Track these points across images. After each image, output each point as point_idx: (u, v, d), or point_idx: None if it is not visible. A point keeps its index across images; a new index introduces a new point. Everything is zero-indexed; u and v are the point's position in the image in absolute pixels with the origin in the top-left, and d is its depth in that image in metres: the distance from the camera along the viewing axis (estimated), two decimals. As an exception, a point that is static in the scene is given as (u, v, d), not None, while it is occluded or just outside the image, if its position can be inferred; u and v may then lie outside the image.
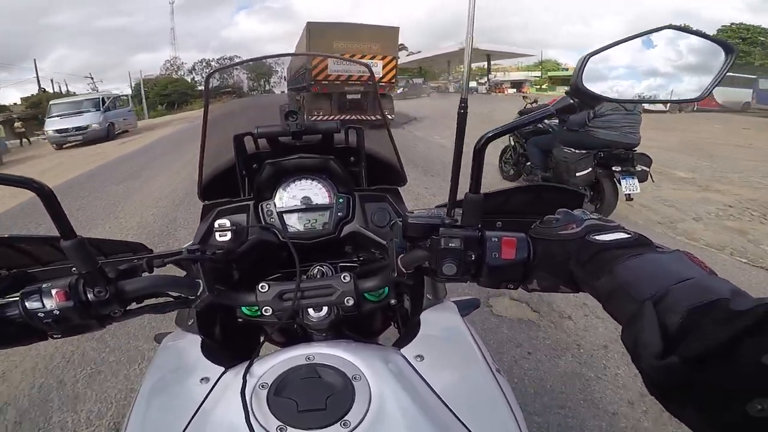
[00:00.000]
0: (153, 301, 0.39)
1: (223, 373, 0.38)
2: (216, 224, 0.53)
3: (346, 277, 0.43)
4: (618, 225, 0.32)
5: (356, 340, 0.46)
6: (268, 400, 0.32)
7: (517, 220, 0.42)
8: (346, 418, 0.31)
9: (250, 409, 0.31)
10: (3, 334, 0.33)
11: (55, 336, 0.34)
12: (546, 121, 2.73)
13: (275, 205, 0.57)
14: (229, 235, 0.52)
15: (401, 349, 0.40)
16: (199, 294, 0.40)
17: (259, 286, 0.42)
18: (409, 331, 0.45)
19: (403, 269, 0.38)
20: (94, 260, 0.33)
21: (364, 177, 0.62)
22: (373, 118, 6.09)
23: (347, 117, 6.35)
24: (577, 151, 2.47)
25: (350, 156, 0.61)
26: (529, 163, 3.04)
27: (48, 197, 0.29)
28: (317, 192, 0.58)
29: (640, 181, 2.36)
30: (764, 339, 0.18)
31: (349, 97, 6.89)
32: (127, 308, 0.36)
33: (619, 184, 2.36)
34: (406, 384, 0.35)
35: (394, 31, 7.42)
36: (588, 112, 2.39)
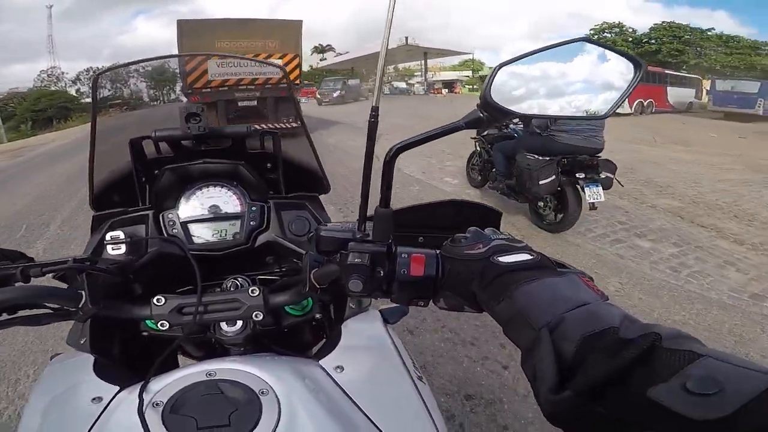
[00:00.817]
0: (27, 312, 0.37)
1: (118, 392, 0.37)
2: (108, 236, 0.50)
3: (255, 291, 0.42)
4: (524, 246, 0.33)
5: (278, 354, 0.45)
6: (164, 418, 0.31)
7: (437, 236, 0.42)
8: None
9: (145, 429, 0.30)
10: None
11: None
12: (512, 126, 2.81)
13: (178, 215, 0.55)
14: (123, 248, 0.50)
15: (320, 360, 0.41)
16: (81, 306, 0.38)
17: (155, 299, 0.41)
18: (329, 342, 0.46)
19: (315, 284, 0.39)
20: None
21: (282, 184, 0.61)
22: (277, 126, 5.33)
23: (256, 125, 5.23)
24: (540, 157, 2.42)
25: (266, 162, 0.59)
26: (494, 170, 2.98)
27: None
28: (227, 200, 0.56)
29: (604, 189, 2.35)
30: (649, 369, 0.19)
31: (241, 104, 6.06)
32: None
33: (583, 192, 2.34)
34: (321, 396, 0.35)
35: (296, 25, 6.68)
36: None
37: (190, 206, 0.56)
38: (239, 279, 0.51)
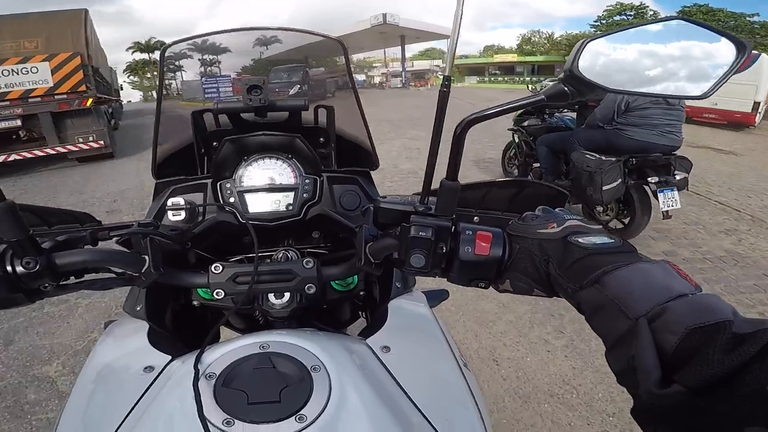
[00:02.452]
0: (93, 276, 0.40)
1: (170, 361, 0.41)
2: (169, 202, 0.55)
3: (309, 263, 0.46)
4: (600, 228, 0.34)
5: (320, 329, 0.48)
6: (215, 391, 0.34)
7: (495, 216, 0.47)
8: (301, 411, 0.32)
9: (197, 400, 0.32)
10: None
11: None
12: (558, 114, 2.77)
13: (235, 185, 0.59)
14: (183, 215, 0.55)
15: (367, 339, 0.43)
16: (143, 271, 0.41)
17: (212, 266, 0.44)
18: (375, 320, 0.49)
19: (371, 258, 0.41)
20: (23, 228, 0.34)
21: (334, 158, 0.66)
22: (68, 148, 5.10)
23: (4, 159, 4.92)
24: (603, 157, 2.17)
25: (319, 136, 0.65)
26: (537, 165, 2.82)
27: None
28: (282, 172, 0.60)
29: (680, 189, 2.14)
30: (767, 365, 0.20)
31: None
32: (62, 282, 0.38)
33: (656, 197, 2.12)
34: (370, 376, 0.37)
35: (75, 15, 5.34)
36: (618, 104, 2.19)
37: (247, 176, 0.60)
38: (291, 251, 0.56)
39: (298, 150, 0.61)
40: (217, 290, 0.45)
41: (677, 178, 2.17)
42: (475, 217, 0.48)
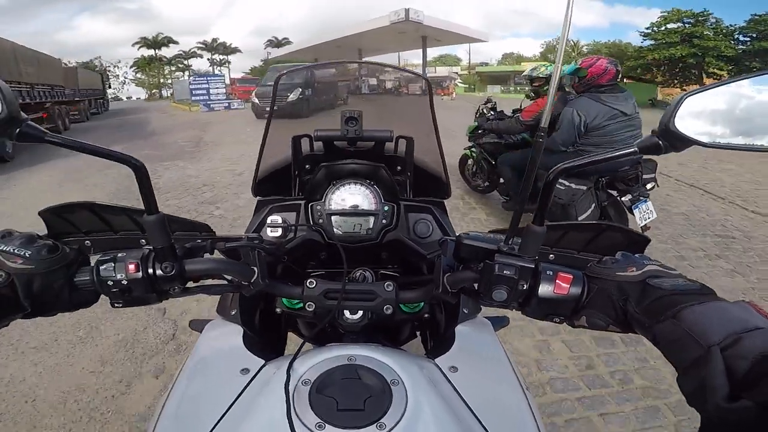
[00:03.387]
0: (208, 282, 0.47)
1: (263, 365, 0.47)
2: (269, 220, 0.66)
3: (389, 286, 0.52)
4: (679, 273, 0.38)
5: (385, 345, 0.53)
6: (310, 396, 0.39)
7: (571, 255, 0.52)
8: (382, 420, 0.37)
9: (292, 404, 0.37)
10: (70, 299, 0.42)
11: (116, 305, 0.43)
12: (515, 133, 2.92)
13: (324, 207, 0.67)
14: (279, 232, 0.65)
15: (435, 359, 0.49)
16: (252, 281, 0.48)
17: (307, 281, 0.51)
18: (443, 342, 0.54)
19: (448, 287, 0.47)
20: (168, 237, 0.42)
21: (409, 187, 0.74)
22: None
23: None
24: (574, 186, 2.20)
25: (397, 165, 0.73)
26: (502, 182, 3.05)
27: (141, 173, 0.40)
28: (365, 198, 0.68)
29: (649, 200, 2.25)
30: None
31: None
32: (186, 286, 0.45)
33: (632, 213, 2.19)
34: (441, 393, 0.42)
35: None
36: (577, 126, 2.26)
37: (335, 200, 0.67)
38: (367, 271, 0.66)
39: (381, 178, 0.69)
40: (309, 303, 0.52)
41: (648, 187, 2.23)
42: (551, 255, 0.53)
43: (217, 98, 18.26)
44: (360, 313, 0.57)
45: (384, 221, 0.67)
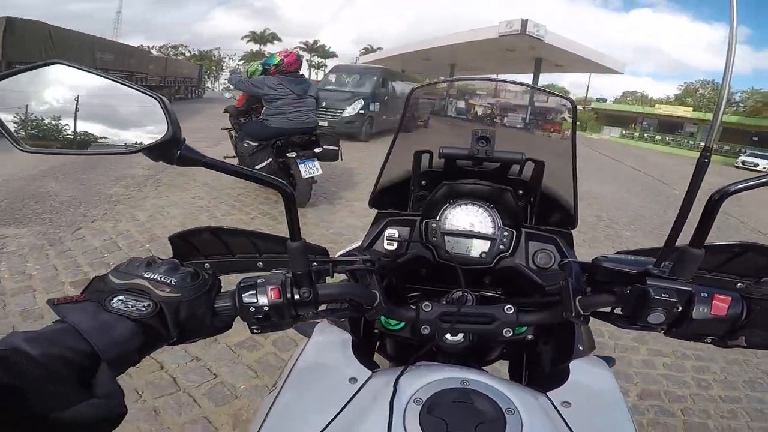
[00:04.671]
0: (332, 306, 0.50)
1: (370, 377, 0.50)
2: (387, 233, 0.68)
3: (510, 309, 0.53)
4: None
5: (472, 367, 0.54)
6: (420, 416, 0.41)
7: (719, 278, 0.51)
8: None
9: (401, 422, 0.40)
10: (211, 325, 0.43)
11: (255, 330, 0.44)
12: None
13: (440, 226, 0.68)
14: (395, 245, 0.67)
15: (547, 393, 0.49)
16: (375, 305, 0.50)
17: (423, 305, 0.53)
18: (554, 376, 0.54)
19: (580, 310, 0.47)
20: (308, 263, 0.43)
21: (531, 213, 0.72)
22: None
23: None
24: (254, 143, 3.42)
25: (519, 189, 0.71)
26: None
27: (290, 200, 0.41)
28: (482, 220, 0.68)
29: (331, 160, 3.56)
30: None
31: None
32: (317, 310, 0.46)
33: (298, 169, 3.38)
34: (555, 427, 0.43)
35: None
36: (262, 99, 3.55)
37: (450, 219, 0.68)
38: (468, 294, 0.61)
39: (503, 201, 0.68)
40: (424, 326, 0.52)
41: (317, 150, 3.42)
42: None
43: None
44: (461, 335, 0.57)
45: (501, 247, 0.66)
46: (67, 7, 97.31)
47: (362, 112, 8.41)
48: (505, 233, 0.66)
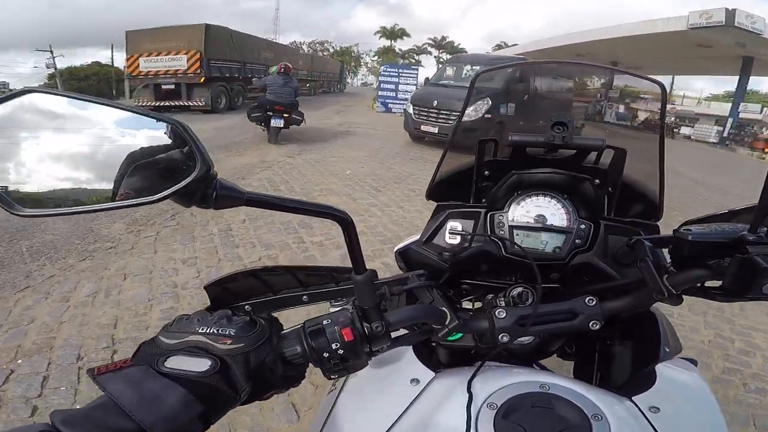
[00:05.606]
0: (403, 332, 0.47)
1: (434, 378, 0.48)
2: (449, 225, 0.64)
3: (592, 300, 0.48)
4: None
5: (545, 369, 0.58)
6: (495, 422, 0.39)
7: None
8: None
9: (474, 427, 0.38)
10: (283, 374, 0.40)
11: (332, 377, 0.41)
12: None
13: (507, 218, 0.63)
14: (458, 239, 0.63)
15: (633, 397, 0.46)
16: (447, 323, 0.47)
17: (496, 312, 0.49)
18: (640, 380, 0.51)
19: (672, 289, 0.43)
20: (375, 295, 0.41)
21: (610, 205, 0.66)
22: (191, 104, 10.97)
23: (164, 103, 10.90)
24: (257, 108, 6.75)
25: (597, 178, 0.64)
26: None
27: (350, 229, 0.39)
28: (554, 212, 0.62)
29: (297, 125, 6.82)
30: None
31: (164, 87, 11.01)
32: (392, 341, 0.43)
33: (271, 122, 6.56)
34: None
35: (199, 28, 11.07)
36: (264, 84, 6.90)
37: (519, 211, 0.63)
38: (529, 290, 0.58)
39: (579, 191, 0.62)
40: (502, 335, 0.48)
41: (285, 116, 6.55)
42: None
43: (403, 98, 12.85)
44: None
45: (578, 241, 0.61)
46: (238, 6, 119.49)
47: (489, 116, 5.67)
48: (582, 226, 0.61)
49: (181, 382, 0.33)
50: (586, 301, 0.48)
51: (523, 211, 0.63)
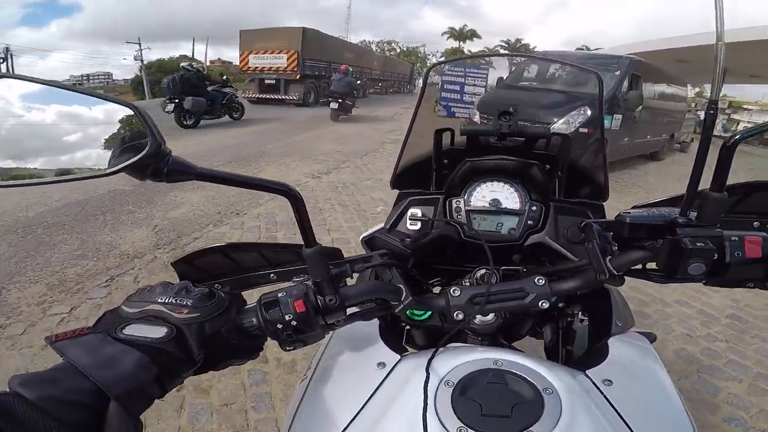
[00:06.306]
0: (359, 308, 0.49)
1: (399, 360, 0.49)
2: (410, 212, 0.68)
3: (541, 280, 0.49)
4: None
5: (503, 346, 0.58)
6: (452, 399, 0.40)
7: (729, 220, 0.49)
8: (531, 429, 0.36)
9: (432, 405, 0.39)
10: (240, 346, 0.42)
11: (287, 348, 0.43)
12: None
13: (464, 204, 0.69)
14: (419, 225, 0.67)
15: (587, 371, 0.48)
16: (402, 299, 0.49)
17: (451, 290, 0.50)
18: (593, 354, 0.54)
19: (614, 271, 0.46)
20: (327, 268, 0.43)
21: (558, 187, 0.71)
22: (286, 98, 13.08)
23: (265, 96, 13.01)
24: (326, 95, 10.29)
25: (546, 163, 0.69)
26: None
27: (297, 203, 0.40)
28: (508, 196, 0.68)
29: (348, 110, 10.12)
30: None
31: (266, 81, 13.19)
32: (347, 315, 0.45)
33: (329, 104, 9.84)
34: (597, 406, 0.42)
35: (297, 30, 13.36)
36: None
37: (475, 196, 0.69)
38: (492, 272, 0.59)
39: (530, 176, 0.68)
40: (457, 312, 0.49)
41: (339, 101, 9.72)
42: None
43: (469, 101, 10.98)
44: (491, 314, 0.57)
45: (530, 222, 0.66)
46: (317, 4, 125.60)
47: (585, 130, 4.33)
48: (533, 208, 0.66)
49: (137, 346, 0.34)
50: (536, 280, 0.49)
51: (479, 196, 0.68)
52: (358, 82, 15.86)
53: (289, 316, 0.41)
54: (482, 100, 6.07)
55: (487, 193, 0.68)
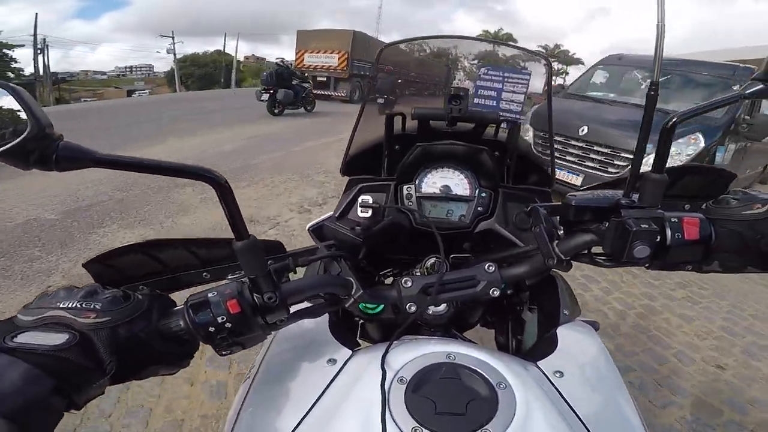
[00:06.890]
0: (306, 305, 0.47)
1: (350, 356, 0.47)
2: (360, 199, 0.64)
3: (491, 267, 0.49)
4: None
5: (455, 337, 0.59)
6: (406, 396, 0.39)
7: (667, 203, 0.47)
8: (486, 426, 0.36)
9: (387, 403, 0.38)
10: (165, 351, 0.37)
11: (223, 353, 0.40)
12: None
13: (415, 190, 0.67)
14: (369, 212, 0.63)
15: (538, 363, 0.48)
16: (353, 293, 0.47)
17: (402, 281, 0.49)
18: (544, 345, 0.53)
19: (561, 256, 0.45)
20: (264, 263, 0.39)
21: (507, 174, 0.72)
22: (334, 94, 13.59)
23: (317, 92, 11.77)
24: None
25: (495, 150, 0.69)
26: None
27: (224, 191, 0.35)
28: (458, 182, 0.68)
29: None
30: None
31: (318, 79, 13.66)
32: (290, 313, 0.42)
33: None
34: (550, 400, 0.41)
35: (348, 33, 14.23)
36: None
37: (426, 183, 0.68)
38: (443, 261, 0.56)
39: (480, 163, 0.67)
40: (409, 304, 0.48)
41: None
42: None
43: (506, 108, 8.13)
44: (443, 305, 0.57)
45: (480, 209, 0.66)
46: (347, 4, 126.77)
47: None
48: (483, 194, 0.66)
49: (26, 357, 0.30)
50: (486, 267, 0.48)
51: (430, 182, 0.67)
52: (399, 81, 16.01)
53: (222, 318, 0.37)
54: (536, 112, 4.74)
55: (437, 180, 0.68)
